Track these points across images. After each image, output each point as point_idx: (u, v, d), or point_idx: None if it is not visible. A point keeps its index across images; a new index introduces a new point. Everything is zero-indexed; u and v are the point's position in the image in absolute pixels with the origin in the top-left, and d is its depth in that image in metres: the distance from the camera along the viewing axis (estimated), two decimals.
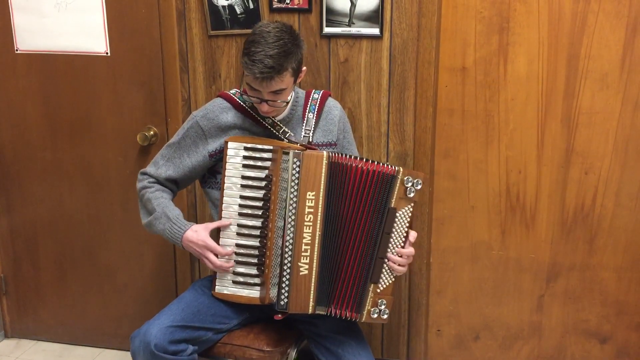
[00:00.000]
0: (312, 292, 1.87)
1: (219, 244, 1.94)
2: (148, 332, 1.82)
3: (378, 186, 1.87)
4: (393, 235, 1.89)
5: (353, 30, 2.33)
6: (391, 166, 1.88)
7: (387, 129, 2.42)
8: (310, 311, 1.87)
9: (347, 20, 2.32)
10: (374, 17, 2.30)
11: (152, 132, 2.57)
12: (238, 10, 2.38)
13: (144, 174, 2.07)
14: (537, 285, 2.49)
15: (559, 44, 2.27)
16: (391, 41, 2.33)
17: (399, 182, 1.87)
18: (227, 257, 1.93)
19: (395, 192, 1.86)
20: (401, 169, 1.87)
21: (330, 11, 2.32)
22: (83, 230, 2.78)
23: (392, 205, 1.87)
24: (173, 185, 2.08)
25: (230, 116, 2.02)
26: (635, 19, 2.20)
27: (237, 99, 2.03)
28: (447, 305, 2.58)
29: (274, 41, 1.83)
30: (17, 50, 2.63)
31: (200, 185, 2.14)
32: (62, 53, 2.59)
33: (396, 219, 1.88)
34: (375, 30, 2.32)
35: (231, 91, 2.07)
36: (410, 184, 1.87)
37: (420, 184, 1.88)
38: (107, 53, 2.56)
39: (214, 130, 2.01)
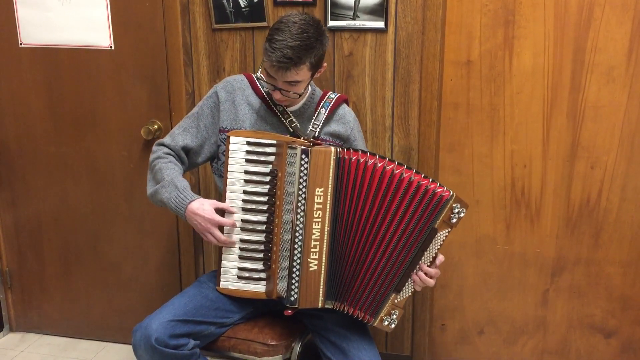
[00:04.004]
0: (321, 287, 1.87)
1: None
2: (149, 326, 1.82)
3: (428, 203, 1.83)
4: (426, 253, 1.88)
5: (357, 23, 2.32)
6: (444, 187, 1.84)
7: (392, 123, 2.41)
8: (319, 305, 1.88)
9: (351, 13, 2.31)
10: (379, 10, 2.29)
11: (156, 126, 2.56)
12: (242, 3, 2.38)
13: (160, 144, 2.07)
14: (542, 279, 2.48)
15: (564, 37, 2.26)
16: (396, 34, 2.32)
17: (449, 207, 1.84)
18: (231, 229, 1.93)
19: (443, 215, 1.84)
20: (455, 195, 1.84)
21: (335, 4, 2.31)
22: (87, 224, 2.78)
23: (436, 226, 1.85)
24: (186, 156, 2.07)
25: (247, 94, 2.06)
26: None
27: (257, 82, 2.07)
28: (451, 299, 2.58)
29: (297, 33, 1.84)
30: (21, 44, 2.63)
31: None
32: (66, 47, 2.59)
33: (434, 240, 1.87)
34: (380, 24, 2.31)
35: (255, 74, 2.10)
36: (456, 211, 1.85)
37: (464, 213, 1.86)
38: (111, 47, 2.56)
39: (228, 104, 2.05)
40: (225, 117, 2.05)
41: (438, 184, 1.84)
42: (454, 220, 1.86)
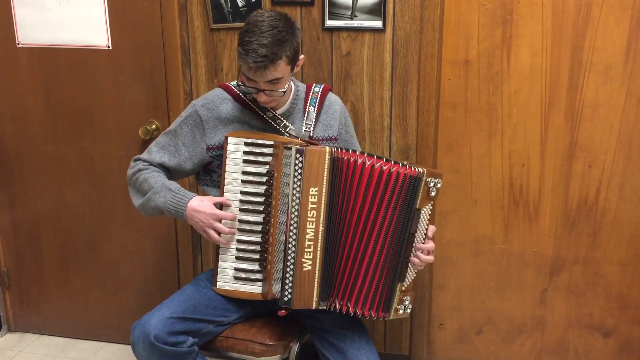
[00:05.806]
0: (315, 287, 1.86)
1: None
2: (148, 323, 1.82)
3: (404, 189, 1.84)
4: (417, 234, 1.89)
5: (355, 23, 2.32)
6: (414, 167, 1.84)
7: (390, 122, 2.41)
8: (314, 306, 1.87)
9: (349, 13, 2.31)
10: (377, 9, 2.29)
11: (154, 126, 2.56)
12: (240, 3, 2.37)
13: (137, 159, 2.04)
14: (540, 279, 2.48)
15: (562, 36, 2.26)
16: (394, 34, 2.32)
17: (423, 183, 1.84)
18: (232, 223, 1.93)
19: (420, 194, 1.85)
20: (425, 170, 1.84)
21: (333, 4, 2.31)
22: (85, 224, 2.78)
23: (417, 206, 1.85)
24: (166, 172, 2.04)
25: (229, 108, 2.01)
26: (639, 11, 2.19)
27: (237, 91, 2.02)
28: (449, 299, 2.58)
29: (267, 30, 1.81)
30: (18, 44, 2.62)
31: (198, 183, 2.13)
32: (63, 47, 2.58)
33: (420, 219, 1.87)
34: (378, 23, 2.31)
35: (231, 83, 2.05)
36: (432, 184, 1.86)
37: (440, 183, 1.88)
38: (108, 47, 2.55)
39: (212, 122, 2.00)
40: (212, 134, 2.00)
41: (408, 166, 1.84)
42: (433, 193, 1.87)
